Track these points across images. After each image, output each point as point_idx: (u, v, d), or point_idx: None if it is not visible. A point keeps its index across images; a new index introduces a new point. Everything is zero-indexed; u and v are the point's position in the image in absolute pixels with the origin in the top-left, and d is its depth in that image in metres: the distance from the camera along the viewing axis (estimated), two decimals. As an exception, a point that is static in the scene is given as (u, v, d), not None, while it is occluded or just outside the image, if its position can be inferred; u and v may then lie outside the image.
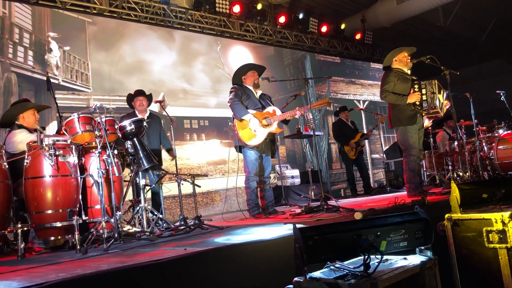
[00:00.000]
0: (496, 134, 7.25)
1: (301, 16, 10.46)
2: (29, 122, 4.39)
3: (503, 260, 2.59)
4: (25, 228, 3.60)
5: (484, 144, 7.20)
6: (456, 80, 5.50)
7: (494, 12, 12.04)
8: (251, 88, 5.31)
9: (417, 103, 5.17)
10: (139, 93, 5.65)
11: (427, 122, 7.21)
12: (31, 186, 3.68)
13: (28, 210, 3.73)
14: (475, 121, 6.19)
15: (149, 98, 5.72)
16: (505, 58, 14.01)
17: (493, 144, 7.06)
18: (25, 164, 3.70)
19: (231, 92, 5.24)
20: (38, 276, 2.35)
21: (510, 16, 11.91)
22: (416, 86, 5.21)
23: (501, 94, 7.15)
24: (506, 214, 2.59)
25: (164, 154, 5.79)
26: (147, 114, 5.61)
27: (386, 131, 12.22)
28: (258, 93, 5.34)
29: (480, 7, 11.46)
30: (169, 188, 5.47)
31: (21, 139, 4.18)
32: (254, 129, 5.00)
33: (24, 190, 3.73)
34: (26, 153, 3.70)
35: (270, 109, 5.20)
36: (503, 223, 2.59)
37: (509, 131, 7.28)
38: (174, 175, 4.91)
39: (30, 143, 3.74)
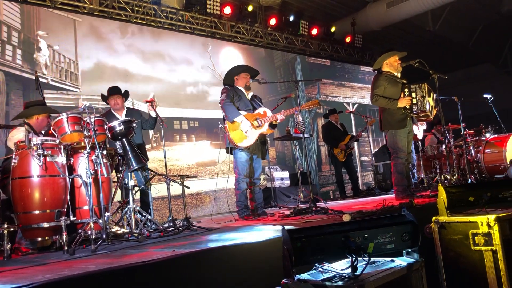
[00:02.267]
0: (483, 138, 7.35)
1: (291, 18, 10.47)
2: (41, 125, 4.33)
3: (488, 262, 2.63)
4: (12, 229, 3.57)
5: (471, 147, 7.29)
6: (444, 84, 5.56)
7: (482, 18, 12.22)
8: (242, 89, 5.30)
9: (407, 106, 5.22)
10: (112, 92, 5.40)
11: (425, 126, 7.32)
12: (19, 186, 3.65)
13: (15, 211, 3.69)
14: (463, 124, 6.26)
15: (124, 95, 5.47)
16: (492, 63, 14.21)
17: (480, 148, 7.15)
18: (12, 164, 3.67)
19: (222, 93, 5.21)
20: (25, 277, 2.33)
21: (497, 22, 12.09)
22: (406, 90, 5.25)
23: (488, 98, 7.24)
24: (492, 217, 2.62)
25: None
26: (125, 111, 5.42)
27: (375, 133, 12.31)
28: (249, 94, 5.34)
29: (468, 13, 11.62)
30: (158, 189, 5.43)
31: (12, 135, 4.17)
32: (245, 130, 4.99)
33: (11, 190, 3.69)
34: (14, 153, 3.68)
35: (261, 110, 5.19)
36: (489, 226, 2.63)
37: (495, 135, 7.39)
38: (163, 176, 4.89)
39: (18, 143, 3.72)
